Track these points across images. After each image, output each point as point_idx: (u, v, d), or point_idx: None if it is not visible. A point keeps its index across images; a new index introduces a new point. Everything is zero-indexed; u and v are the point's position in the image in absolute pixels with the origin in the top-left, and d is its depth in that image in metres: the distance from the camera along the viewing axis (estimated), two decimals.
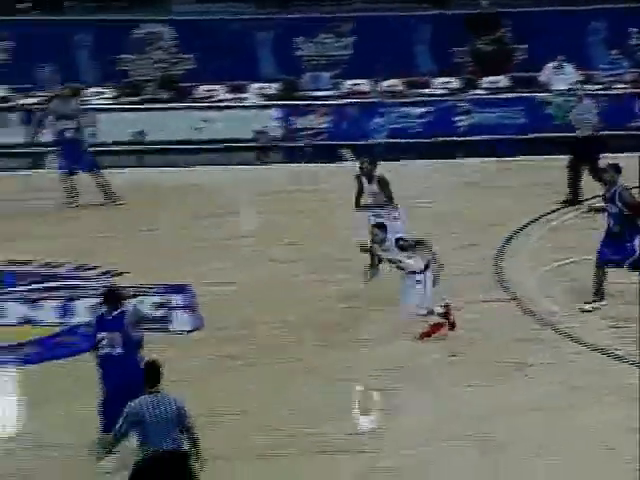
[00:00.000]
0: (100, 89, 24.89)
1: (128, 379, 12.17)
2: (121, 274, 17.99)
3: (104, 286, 17.19)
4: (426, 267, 15.60)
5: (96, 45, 25.22)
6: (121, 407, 11.66)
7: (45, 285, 17.78)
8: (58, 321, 16.62)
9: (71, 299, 17.12)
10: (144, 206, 21.07)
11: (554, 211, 20.04)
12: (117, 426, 11.64)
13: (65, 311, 16.81)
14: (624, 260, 15.94)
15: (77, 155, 21.01)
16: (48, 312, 16.83)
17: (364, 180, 17.52)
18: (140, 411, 11.51)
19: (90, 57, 25.35)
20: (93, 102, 24.50)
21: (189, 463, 11.52)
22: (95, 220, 20.52)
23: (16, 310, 16.92)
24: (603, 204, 16.37)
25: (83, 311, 16.70)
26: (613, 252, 15.96)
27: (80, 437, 13.23)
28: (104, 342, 12.70)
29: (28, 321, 16.68)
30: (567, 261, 17.62)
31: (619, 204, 15.85)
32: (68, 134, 20.96)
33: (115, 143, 24.07)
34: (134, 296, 15.40)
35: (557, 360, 14.66)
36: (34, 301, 17.12)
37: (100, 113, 24.18)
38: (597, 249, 15.99)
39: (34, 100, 24.25)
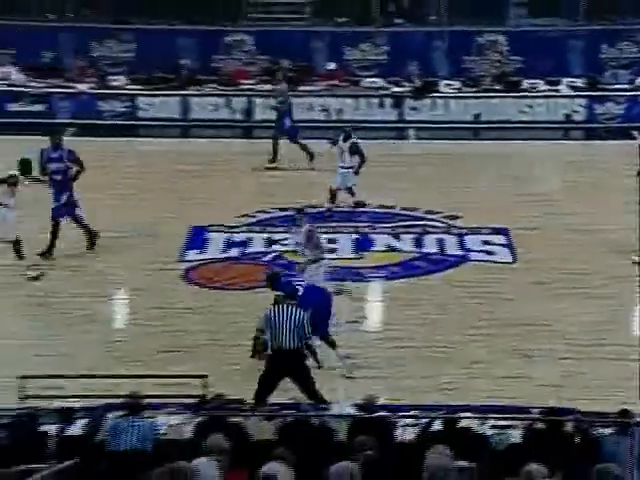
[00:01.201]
0: (450, 81, 24.98)
1: (313, 305, 12.16)
2: (457, 218, 18.06)
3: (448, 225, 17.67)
4: None
5: (448, 48, 25.35)
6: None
7: (404, 223, 17.95)
8: (413, 249, 16.84)
9: (423, 234, 17.42)
10: (474, 167, 21.13)
11: None
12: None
13: (418, 242, 17.07)
14: None
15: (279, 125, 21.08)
16: (406, 242, 17.12)
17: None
18: (271, 316, 11.48)
19: (444, 57, 25.43)
20: (443, 91, 24.77)
21: (303, 361, 11.43)
22: (427, 174, 20.63)
23: (384, 241, 17.26)
24: None
25: (431, 243, 17.04)
26: None
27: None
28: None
29: (392, 249, 16.97)
30: None
31: None
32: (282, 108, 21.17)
33: (458, 122, 24.24)
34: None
35: None
36: (397, 235, 17.49)
37: (449, 100, 24.51)
38: None
39: (402, 89, 24.66)
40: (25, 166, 15.94)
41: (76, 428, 10.00)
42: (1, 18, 24.92)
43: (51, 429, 9.78)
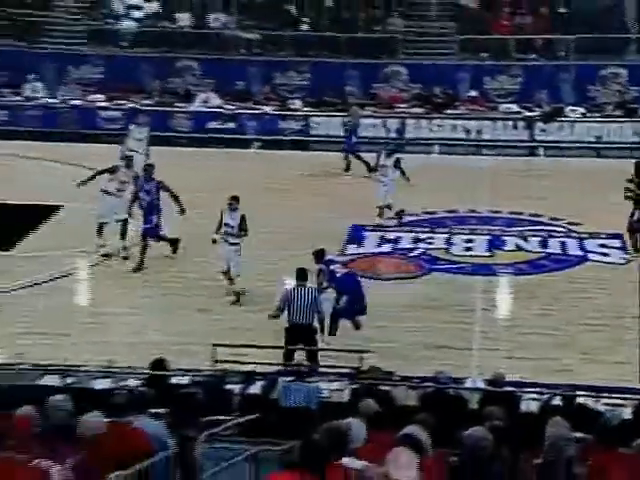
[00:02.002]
0: (575, 107, 24.41)
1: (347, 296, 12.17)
2: (578, 224, 17.60)
3: (568, 229, 17.21)
4: None
5: (574, 79, 24.83)
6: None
7: (532, 227, 17.68)
8: (539, 250, 16.57)
9: (548, 237, 17.13)
10: (594, 181, 20.25)
11: None
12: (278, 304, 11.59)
13: (544, 244, 16.80)
14: None
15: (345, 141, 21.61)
16: (533, 244, 16.86)
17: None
18: (288, 295, 11.36)
19: (570, 87, 24.90)
20: (569, 116, 24.19)
21: (314, 335, 11.32)
22: (553, 186, 19.96)
23: (513, 242, 17.01)
24: None
25: (555, 245, 16.74)
26: None
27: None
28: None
29: (520, 249, 16.69)
30: None
31: None
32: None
33: (582, 142, 23.60)
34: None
35: None
36: (525, 237, 17.20)
37: (574, 123, 23.89)
38: None
39: (533, 113, 24.28)
40: (129, 161, 16.52)
41: (255, 388, 10.18)
42: (204, 54, 25.69)
43: (235, 388, 9.99)
